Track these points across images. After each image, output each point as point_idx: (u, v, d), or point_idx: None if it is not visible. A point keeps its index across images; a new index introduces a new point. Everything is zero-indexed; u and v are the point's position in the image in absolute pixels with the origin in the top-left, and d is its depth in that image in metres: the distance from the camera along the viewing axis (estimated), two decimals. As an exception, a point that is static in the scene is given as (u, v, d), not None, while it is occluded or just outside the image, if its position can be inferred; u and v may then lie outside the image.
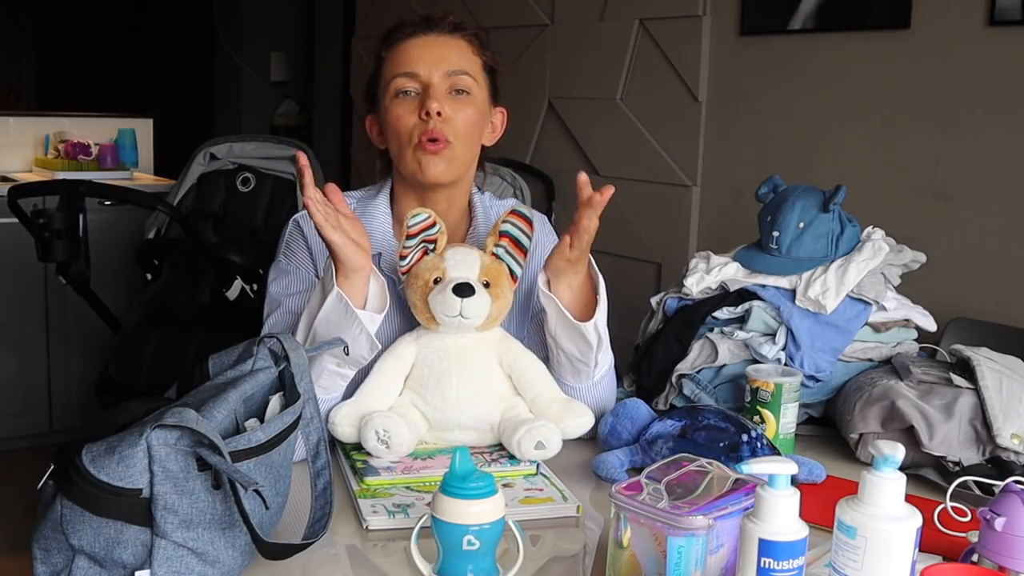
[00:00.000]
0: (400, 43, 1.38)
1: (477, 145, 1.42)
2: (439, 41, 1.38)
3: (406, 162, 1.37)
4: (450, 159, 1.36)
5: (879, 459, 0.85)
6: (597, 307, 1.32)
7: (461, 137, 1.37)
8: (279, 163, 3.06)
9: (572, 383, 1.39)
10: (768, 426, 1.36)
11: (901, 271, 1.56)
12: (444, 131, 1.35)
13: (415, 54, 1.37)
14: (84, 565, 0.90)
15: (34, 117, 4.24)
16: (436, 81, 1.35)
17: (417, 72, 1.35)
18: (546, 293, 1.32)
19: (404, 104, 1.36)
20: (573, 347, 1.35)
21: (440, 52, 1.37)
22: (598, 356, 1.36)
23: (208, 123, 5.38)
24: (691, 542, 0.90)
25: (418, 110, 1.35)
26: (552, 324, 1.34)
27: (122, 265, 3.46)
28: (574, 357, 1.36)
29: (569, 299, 1.32)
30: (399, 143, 1.37)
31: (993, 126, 2.20)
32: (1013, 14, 2.13)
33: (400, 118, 1.36)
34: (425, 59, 1.36)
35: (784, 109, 2.63)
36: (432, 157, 1.35)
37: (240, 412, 1.01)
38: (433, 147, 1.34)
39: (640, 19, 2.95)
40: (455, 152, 1.36)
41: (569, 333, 1.34)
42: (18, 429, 3.58)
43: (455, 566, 0.97)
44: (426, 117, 1.34)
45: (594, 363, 1.37)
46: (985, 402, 1.30)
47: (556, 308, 1.31)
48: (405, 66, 1.36)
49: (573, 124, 3.22)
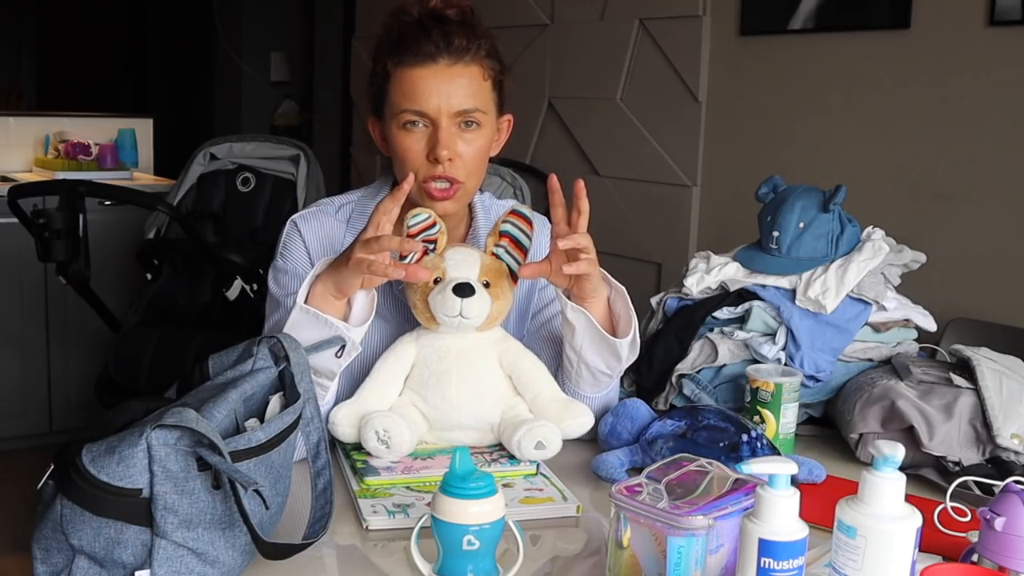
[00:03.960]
0: (408, 69, 1.31)
1: (484, 169, 1.39)
2: (448, 74, 1.30)
3: (412, 191, 1.35)
4: (459, 198, 1.35)
5: (879, 459, 0.85)
6: (632, 322, 1.32)
7: (472, 173, 1.35)
8: (279, 163, 3.06)
9: (590, 393, 1.39)
10: (768, 426, 1.36)
11: (901, 271, 1.56)
12: (454, 174, 1.32)
13: (423, 88, 1.30)
14: (84, 565, 0.90)
15: (34, 117, 4.24)
16: (445, 122, 1.30)
17: (425, 111, 1.31)
18: (575, 308, 1.30)
19: (412, 137, 1.32)
20: (600, 361, 1.35)
21: (449, 89, 1.30)
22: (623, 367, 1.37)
23: (208, 123, 5.38)
24: (691, 542, 0.90)
25: (426, 150, 1.31)
26: (578, 339, 1.33)
27: (122, 265, 3.46)
28: (598, 371, 1.36)
29: (602, 313, 1.32)
30: (404, 170, 1.34)
31: (993, 126, 2.20)
32: (1013, 14, 2.13)
33: (408, 151, 1.32)
34: (434, 96, 1.30)
35: (784, 109, 2.62)
36: (440, 202, 1.33)
37: (240, 412, 1.01)
38: (442, 193, 1.32)
39: (640, 19, 2.95)
40: (465, 190, 1.35)
41: (598, 347, 1.33)
42: (18, 429, 3.58)
43: (455, 566, 0.97)
44: (435, 161, 1.31)
45: (619, 372, 1.38)
46: (985, 402, 1.30)
47: (586, 323, 1.31)
48: (413, 102, 1.30)
49: (573, 124, 3.22)
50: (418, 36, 1.31)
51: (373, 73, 1.38)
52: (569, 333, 1.34)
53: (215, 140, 3.12)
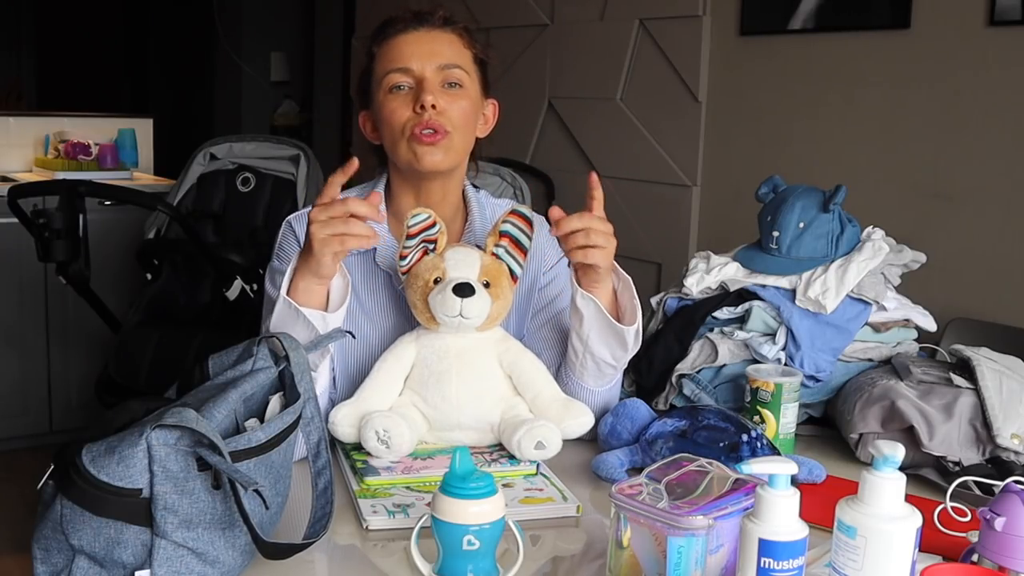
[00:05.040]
0: (391, 39, 1.39)
1: (472, 135, 1.43)
2: (430, 36, 1.39)
3: (401, 154, 1.38)
4: (447, 148, 1.37)
5: (879, 459, 0.85)
6: (636, 311, 1.34)
7: (458, 127, 1.38)
8: (279, 163, 3.06)
9: (593, 386, 1.40)
10: (768, 426, 1.36)
11: (901, 271, 1.56)
12: (441, 122, 1.35)
13: (407, 50, 1.37)
14: (84, 565, 0.90)
15: (34, 117, 4.25)
16: (429, 75, 1.36)
17: (410, 67, 1.36)
18: (585, 295, 1.31)
19: (398, 99, 1.37)
20: (606, 351, 1.36)
21: (431, 47, 1.38)
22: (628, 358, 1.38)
23: (208, 123, 5.38)
24: (691, 542, 0.90)
25: (412, 104, 1.36)
26: (586, 327, 1.34)
27: (122, 265, 3.46)
28: (604, 361, 1.37)
29: (608, 302, 1.33)
30: (393, 136, 1.38)
31: (993, 126, 2.20)
32: (1013, 14, 2.13)
33: (395, 112, 1.37)
34: (417, 54, 1.37)
35: (784, 109, 2.62)
36: (429, 147, 1.36)
37: (240, 412, 1.01)
38: (431, 138, 1.35)
39: (640, 19, 2.95)
40: (453, 141, 1.37)
41: (605, 336, 1.34)
42: (18, 429, 3.58)
43: (455, 566, 0.97)
44: (420, 110, 1.35)
45: (622, 366, 1.38)
46: (985, 402, 1.30)
47: (594, 311, 1.32)
48: (397, 61, 1.37)
49: (573, 124, 3.22)
50: (400, 18, 1.41)
51: (364, 70, 1.44)
52: (577, 322, 1.35)
53: (215, 140, 3.12)
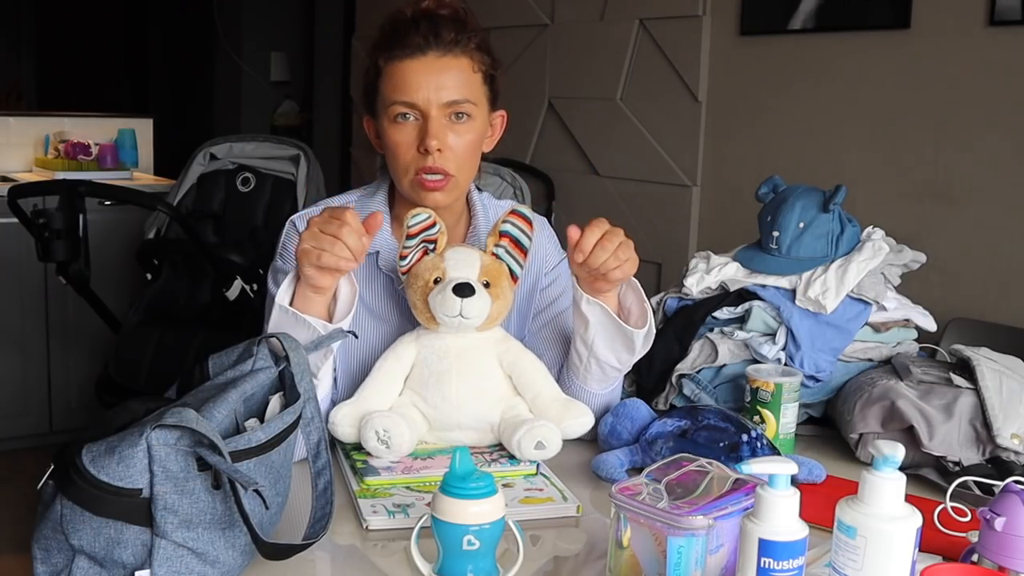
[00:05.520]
0: (397, 63, 1.32)
1: (477, 161, 1.39)
2: (438, 65, 1.32)
3: (404, 187, 1.36)
4: (451, 190, 1.35)
5: (879, 459, 0.85)
6: (647, 314, 1.33)
7: (463, 166, 1.35)
8: (279, 163, 3.06)
9: (596, 390, 1.39)
10: (768, 426, 1.36)
11: (901, 271, 1.56)
12: (444, 166, 1.32)
13: (413, 80, 1.31)
14: (84, 565, 0.90)
15: (34, 117, 4.25)
16: (435, 113, 1.31)
17: (415, 102, 1.32)
18: (591, 300, 1.30)
19: (403, 131, 1.33)
20: (611, 355, 1.35)
21: (439, 79, 1.31)
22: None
23: (208, 123, 5.38)
24: (691, 542, 0.90)
25: (416, 142, 1.32)
26: (592, 332, 1.33)
27: (122, 265, 3.46)
28: (608, 365, 1.36)
29: (612, 307, 1.33)
30: (396, 168, 1.36)
31: (993, 126, 2.20)
32: (1013, 14, 2.13)
33: (399, 146, 1.33)
34: (423, 87, 1.31)
35: (784, 109, 2.62)
36: (431, 192, 1.33)
37: (240, 412, 1.01)
38: (434, 184, 1.33)
39: (640, 19, 2.95)
40: (456, 182, 1.35)
41: (611, 340, 1.33)
42: (18, 429, 3.58)
43: (455, 566, 0.97)
44: (424, 152, 1.32)
45: (627, 369, 1.38)
46: (985, 402, 1.30)
47: (601, 315, 1.31)
48: (403, 93, 1.32)
49: (573, 124, 3.22)
50: (408, 30, 1.33)
51: (367, 72, 1.40)
52: (582, 327, 1.34)
53: (215, 140, 3.12)
